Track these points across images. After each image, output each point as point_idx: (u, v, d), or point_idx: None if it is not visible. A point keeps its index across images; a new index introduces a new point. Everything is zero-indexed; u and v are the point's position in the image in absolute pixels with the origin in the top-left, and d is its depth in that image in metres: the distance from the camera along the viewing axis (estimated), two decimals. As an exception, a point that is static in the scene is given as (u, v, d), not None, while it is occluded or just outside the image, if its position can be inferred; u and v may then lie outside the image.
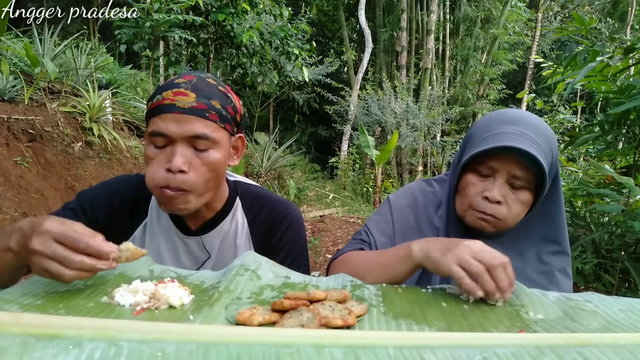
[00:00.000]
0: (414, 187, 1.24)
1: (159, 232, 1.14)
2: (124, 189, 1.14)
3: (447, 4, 12.28)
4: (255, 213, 1.18)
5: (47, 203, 3.68)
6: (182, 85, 0.97)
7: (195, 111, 0.95)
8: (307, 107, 12.89)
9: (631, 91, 2.28)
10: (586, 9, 14.07)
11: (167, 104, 0.95)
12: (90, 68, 5.56)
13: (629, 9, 11.53)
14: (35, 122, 4.15)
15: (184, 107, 0.95)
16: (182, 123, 0.94)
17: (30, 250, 0.72)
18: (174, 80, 0.99)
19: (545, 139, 0.97)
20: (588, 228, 2.66)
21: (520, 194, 0.99)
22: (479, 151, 0.97)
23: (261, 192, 1.23)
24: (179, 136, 0.95)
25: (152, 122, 0.97)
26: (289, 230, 1.17)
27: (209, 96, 0.98)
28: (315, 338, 0.56)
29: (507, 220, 1.00)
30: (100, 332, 0.56)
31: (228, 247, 1.15)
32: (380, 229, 1.17)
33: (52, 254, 0.71)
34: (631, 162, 2.55)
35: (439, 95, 11.28)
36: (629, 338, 0.60)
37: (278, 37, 7.34)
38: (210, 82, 1.01)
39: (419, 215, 1.17)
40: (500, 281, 0.77)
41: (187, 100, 0.95)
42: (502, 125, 0.99)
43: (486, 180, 1.00)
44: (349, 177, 10.53)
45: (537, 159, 0.92)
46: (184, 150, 0.96)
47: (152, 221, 1.14)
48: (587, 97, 12.14)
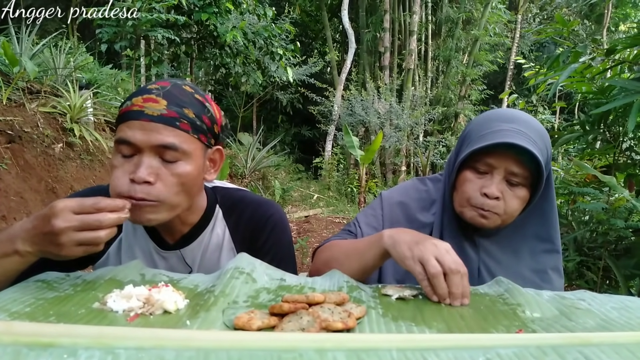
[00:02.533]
0: (408, 185, 1.25)
1: (136, 248, 1.08)
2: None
3: (429, 5, 12.37)
4: (236, 218, 1.14)
5: (27, 206, 3.59)
6: (153, 92, 0.90)
7: (165, 119, 0.88)
8: (290, 108, 12.85)
9: (611, 92, 2.33)
10: (564, 11, 14.35)
11: (135, 111, 0.88)
12: (69, 67, 5.45)
13: (605, 12, 11.80)
14: (14, 122, 4.04)
15: (152, 114, 0.88)
16: (149, 131, 0.87)
17: (56, 232, 0.73)
18: (147, 86, 0.93)
19: (540, 137, 0.99)
20: (570, 226, 2.70)
21: (517, 191, 1.00)
22: (476, 148, 0.98)
23: (242, 195, 1.18)
24: (145, 145, 0.87)
25: (119, 129, 0.90)
26: (273, 232, 1.13)
27: (182, 104, 0.91)
28: (317, 342, 0.55)
29: (505, 216, 1.01)
30: (95, 340, 0.54)
31: (210, 258, 1.11)
32: (368, 222, 1.17)
33: (81, 224, 0.73)
34: (611, 162, 2.60)
35: (422, 95, 11.35)
36: (628, 337, 0.61)
37: (262, 37, 7.31)
38: (186, 90, 0.95)
39: (410, 213, 1.17)
40: (454, 287, 0.78)
41: (156, 107, 0.88)
42: (498, 123, 1.00)
43: (484, 177, 1.01)
44: (333, 178, 10.54)
45: (535, 156, 0.93)
46: (151, 160, 0.88)
47: (128, 236, 1.09)
48: (565, 97, 12.37)
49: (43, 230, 0.74)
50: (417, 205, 1.18)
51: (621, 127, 2.42)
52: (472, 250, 1.08)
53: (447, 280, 0.79)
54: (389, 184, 10.81)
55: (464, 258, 0.85)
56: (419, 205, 1.18)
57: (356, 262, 0.94)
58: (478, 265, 1.07)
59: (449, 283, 0.79)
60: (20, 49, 4.93)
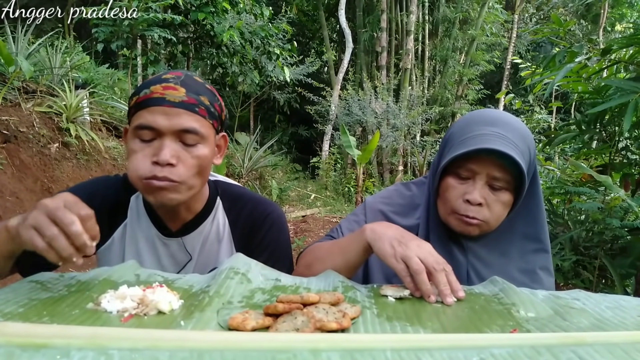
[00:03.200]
0: (392, 191, 1.24)
1: (139, 234, 1.11)
2: (104, 189, 1.12)
3: (426, 4, 12.39)
4: (236, 213, 1.16)
5: (22, 206, 3.57)
6: (171, 80, 0.96)
7: (186, 105, 0.94)
8: (288, 107, 12.84)
9: (607, 91, 2.34)
10: (560, 11, 14.39)
11: (157, 97, 0.93)
12: (65, 67, 5.44)
13: (602, 12, 11.83)
14: (10, 122, 4.03)
15: (174, 100, 0.93)
16: (171, 116, 0.93)
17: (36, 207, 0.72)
18: (161, 76, 0.98)
19: (522, 139, 0.98)
20: (566, 226, 2.71)
21: (500, 195, 0.99)
22: (457, 155, 0.96)
23: (242, 192, 1.21)
24: (167, 130, 0.93)
25: (138, 115, 0.95)
26: (271, 230, 1.15)
27: (199, 92, 0.97)
28: (312, 342, 0.55)
29: (490, 221, 1.00)
30: (89, 340, 0.53)
31: (210, 249, 1.14)
32: (351, 228, 1.17)
33: (34, 224, 0.70)
34: (607, 161, 2.61)
35: (419, 95, 11.37)
36: (621, 336, 0.61)
37: (259, 36, 7.30)
38: (197, 80, 1.01)
39: (393, 219, 1.16)
40: (441, 284, 0.79)
41: (177, 94, 0.94)
42: (479, 127, 0.98)
43: (466, 183, 1.00)
44: (330, 177, 10.55)
45: (516, 160, 0.92)
46: (172, 144, 0.94)
47: (132, 223, 1.12)
48: (562, 97, 12.41)
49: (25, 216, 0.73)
50: (401, 210, 1.18)
51: (617, 126, 2.43)
52: (461, 254, 1.07)
53: (432, 279, 0.80)
54: (386, 184, 10.82)
55: (452, 262, 0.85)
56: (403, 211, 1.17)
57: (339, 259, 0.94)
58: (467, 269, 1.07)
59: (434, 281, 0.80)
60: (16, 48, 4.91)
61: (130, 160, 0.95)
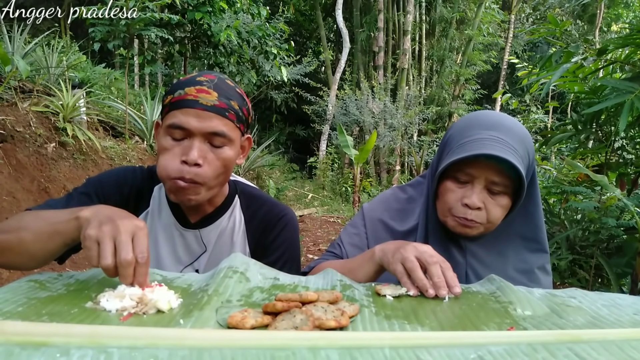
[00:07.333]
0: (388, 195, 1.25)
1: (159, 224, 1.16)
2: (132, 178, 1.17)
3: (423, 4, 12.42)
4: (252, 212, 1.21)
5: (19, 206, 3.56)
6: (204, 84, 1.01)
7: (217, 109, 1.00)
8: (285, 107, 12.85)
9: (603, 91, 2.35)
10: (557, 11, 14.44)
11: (190, 100, 0.98)
12: (62, 66, 5.42)
13: (598, 12, 11.88)
14: (6, 122, 4.01)
15: (206, 104, 0.99)
16: (203, 119, 0.98)
17: (102, 227, 0.74)
18: (195, 78, 1.03)
19: (521, 142, 0.98)
20: (563, 225, 2.72)
21: (499, 199, 1.00)
22: (455, 159, 0.96)
23: (259, 193, 1.27)
24: (198, 131, 0.98)
25: (171, 114, 1.00)
26: (284, 231, 1.20)
27: (230, 97, 1.03)
28: (310, 340, 0.56)
29: (487, 224, 1.01)
30: (88, 339, 0.54)
31: (224, 243, 1.18)
32: (352, 242, 1.18)
33: (114, 236, 0.73)
34: (603, 161, 2.62)
35: (416, 95, 11.40)
36: (617, 334, 0.61)
37: (256, 36, 7.29)
38: (229, 84, 1.06)
39: (392, 225, 1.17)
40: (435, 277, 0.81)
41: (210, 98, 0.99)
42: (478, 131, 0.98)
43: (464, 187, 1.00)
44: (327, 177, 10.55)
45: (514, 165, 0.92)
46: (201, 145, 0.99)
47: (154, 212, 1.17)
48: (558, 97, 12.45)
49: (117, 213, 0.78)
50: (398, 215, 1.18)
51: (613, 126, 2.44)
52: (460, 255, 1.08)
53: (427, 273, 0.82)
54: (383, 183, 10.83)
55: (451, 263, 0.86)
56: (401, 215, 1.18)
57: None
58: (465, 269, 1.07)
59: (429, 274, 0.81)
60: (12, 47, 4.89)
61: (160, 156, 1.02)
